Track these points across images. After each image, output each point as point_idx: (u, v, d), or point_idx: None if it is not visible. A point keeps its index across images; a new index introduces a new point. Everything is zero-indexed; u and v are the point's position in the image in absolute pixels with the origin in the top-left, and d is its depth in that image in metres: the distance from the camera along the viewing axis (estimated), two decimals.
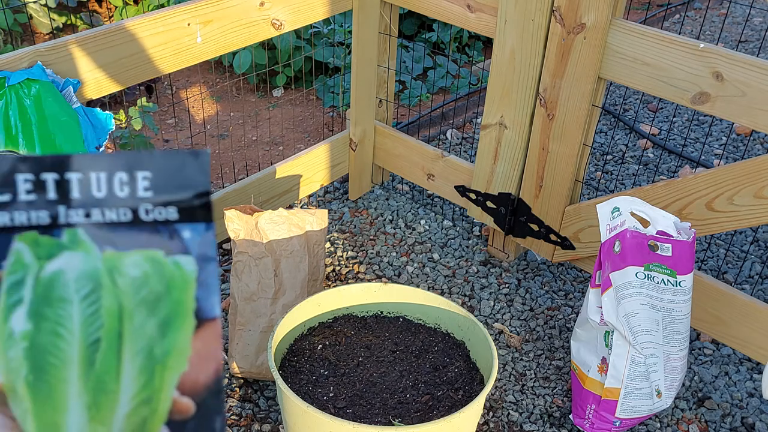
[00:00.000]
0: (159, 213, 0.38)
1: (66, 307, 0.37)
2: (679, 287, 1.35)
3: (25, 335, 0.37)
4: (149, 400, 0.38)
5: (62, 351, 0.37)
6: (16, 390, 0.36)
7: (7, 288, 0.37)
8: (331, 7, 1.80)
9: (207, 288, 0.38)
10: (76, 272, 0.37)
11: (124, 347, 0.38)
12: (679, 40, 1.39)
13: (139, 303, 0.38)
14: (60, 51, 1.33)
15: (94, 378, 0.37)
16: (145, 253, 0.38)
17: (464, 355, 1.44)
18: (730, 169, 1.42)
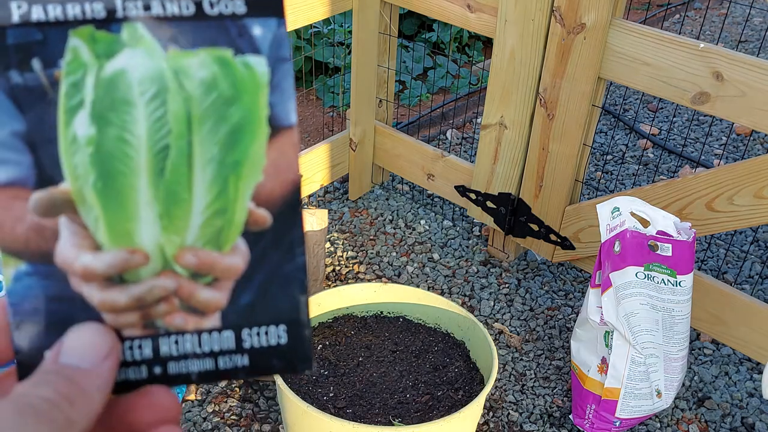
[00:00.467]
0: (225, 5, 0.35)
1: (131, 110, 0.34)
2: (679, 287, 1.35)
3: (89, 140, 0.34)
4: (223, 211, 0.35)
5: (130, 157, 0.34)
6: (85, 197, 0.35)
7: (66, 89, 0.34)
8: (331, 7, 1.80)
9: (281, 92, 0.35)
10: (139, 72, 0.34)
11: (194, 155, 0.35)
12: (679, 40, 1.39)
13: (208, 108, 0.35)
14: None
15: (164, 187, 0.35)
16: (212, 52, 0.35)
17: (464, 355, 1.44)
18: (730, 169, 1.42)
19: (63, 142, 0.34)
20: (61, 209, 0.34)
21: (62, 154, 0.34)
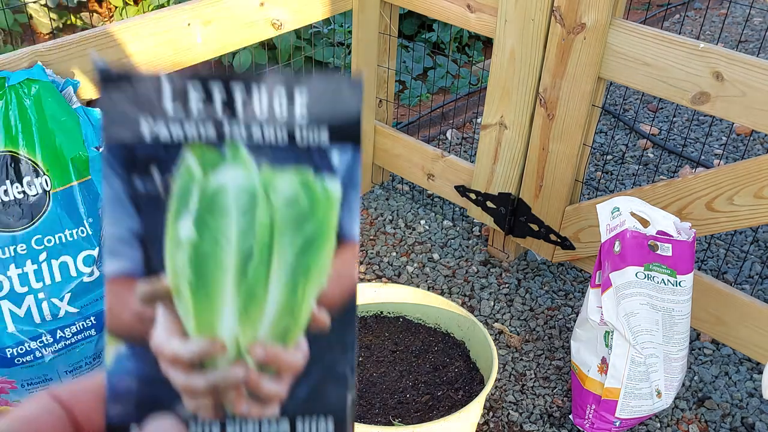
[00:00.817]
0: (312, 135, 0.40)
1: (226, 218, 0.40)
2: (679, 287, 1.35)
3: (190, 242, 0.40)
4: (291, 312, 0.40)
5: (221, 259, 0.40)
6: (181, 290, 0.40)
7: (176, 195, 0.40)
8: (331, 7, 1.80)
9: (350, 211, 0.41)
10: (236, 186, 0.40)
11: (273, 260, 0.40)
12: (679, 40, 1.39)
13: (289, 220, 0.40)
14: (60, 51, 1.33)
15: (245, 286, 0.40)
16: (297, 172, 0.40)
17: (464, 355, 1.44)
18: (730, 169, 1.42)
19: (168, 241, 0.40)
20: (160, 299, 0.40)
21: (166, 252, 0.40)
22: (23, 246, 1.23)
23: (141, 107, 0.39)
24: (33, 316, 1.26)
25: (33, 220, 1.24)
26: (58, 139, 1.27)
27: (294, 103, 0.40)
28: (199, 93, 0.40)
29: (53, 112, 1.27)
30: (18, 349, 1.25)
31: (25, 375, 1.28)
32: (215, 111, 0.40)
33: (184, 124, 0.40)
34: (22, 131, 1.24)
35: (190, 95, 0.40)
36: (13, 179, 1.23)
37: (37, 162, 1.25)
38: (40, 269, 1.26)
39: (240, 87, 0.40)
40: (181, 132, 0.40)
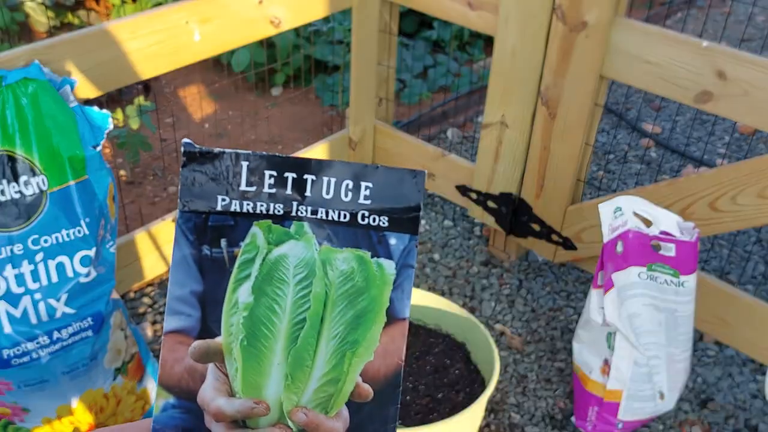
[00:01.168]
0: (373, 219, 0.44)
1: (283, 287, 0.43)
2: (683, 288, 1.34)
3: (246, 306, 0.42)
4: (336, 381, 0.43)
5: (274, 324, 0.42)
6: (232, 351, 0.42)
7: (239, 264, 0.43)
8: (331, 4, 1.79)
9: (402, 291, 0.43)
10: (296, 259, 0.43)
11: (323, 330, 0.43)
12: (681, 38, 1.38)
13: (343, 294, 0.43)
14: (57, 49, 1.32)
15: (294, 353, 0.42)
16: (355, 252, 0.43)
17: (465, 357, 1.43)
18: (734, 168, 1.41)
19: (227, 304, 0.43)
20: (212, 357, 0.42)
21: (224, 314, 0.43)
22: (20, 246, 1.22)
23: (219, 183, 0.43)
24: (29, 317, 1.25)
25: (29, 220, 1.23)
26: (55, 139, 1.26)
27: (359, 191, 0.43)
28: (273, 175, 0.43)
29: (50, 111, 1.25)
30: (14, 350, 1.24)
31: (22, 376, 1.27)
32: (285, 191, 0.43)
33: (255, 201, 0.43)
34: (18, 130, 1.23)
35: (265, 176, 0.43)
36: (10, 179, 1.22)
37: (34, 161, 1.24)
38: (37, 270, 1.25)
39: (311, 173, 0.43)
40: (252, 208, 0.43)
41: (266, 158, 0.43)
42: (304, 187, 0.43)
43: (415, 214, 0.43)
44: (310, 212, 0.43)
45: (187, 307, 0.43)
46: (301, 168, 0.43)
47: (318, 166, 0.43)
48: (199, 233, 0.43)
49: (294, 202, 0.43)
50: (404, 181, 0.43)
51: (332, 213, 0.43)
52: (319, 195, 0.43)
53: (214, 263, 0.43)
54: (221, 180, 0.43)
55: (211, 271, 0.43)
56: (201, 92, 2.74)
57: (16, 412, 1.31)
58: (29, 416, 1.32)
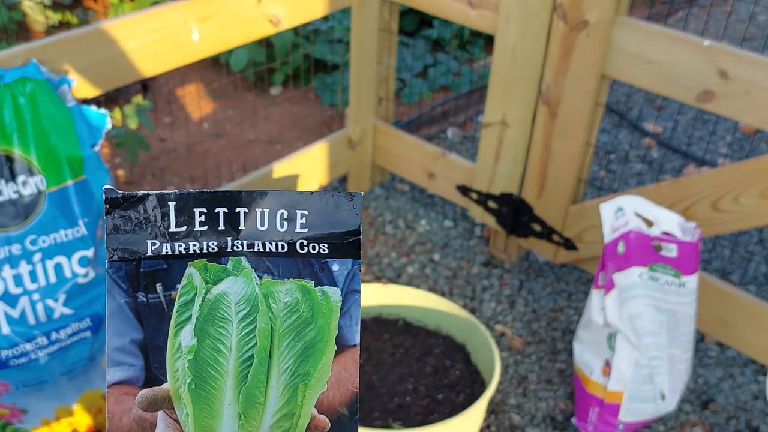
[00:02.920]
0: (312, 247, 0.43)
1: (227, 326, 0.42)
2: (684, 288, 1.33)
3: (190, 349, 0.42)
4: (291, 415, 0.42)
5: (221, 364, 0.42)
6: (181, 396, 0.41)
7: (178, 307, 0.42)
8: (330, 3, 1.78)
9: (350, 317, 0.43)
10: (237, 295, 0.42)
11: (273, 365, 0.42)
12: (683, 37, 1.37)
13: (289, 327, 0.42)
14: (55, 49, 1.31)
15: (245, 391, 0.42)
16: (298, 282, 0.43)
17: (465, 358, 1.42)
18: (736, 168, 1.40)
19: (170, 349, 0.42)
20: (160, 405, 0.41)
21: (168, 359, 0.42)
22: (18, 246, 1.22)
23: (147, 227, 0.42)
24: (27, 318, 1.24)
25: (27, 220, 1.23)
26: (53, 138, 1.25)
27: (295, 220, 0.42)
28: (203, 212, 0.42)
29: (48, 110, 1.25)
30: (12, 351, 1.24)
31: (20, 377, 1.27)
32: (218, 227, 0.42)
33: (188, 241, 0.42)
34: (16, 130, 1.22)
35: (195, 214, 0.42)
36: (8, 178, 1.21)
37: (32, 161, 1.23)
38: (35, 270, 1.24)
39: (243, 206, 0.42)
40: (184, 249, 0.42)
41: (194, 196, 0.41)
42: (237, 221, 0.42)
43: (356, 238, 0.42)
44: (246, 246, 0.42)
45: (129, 357, 0.42)
46: (231, 202, 0.42)
47: (249, 198, 0.42)
48: (132, 280, 0.42)
49: (228, 238, 0.42)
50: (341, 206, 0.42)
51: (269, 245, 0.42)
52: (253, 227, 0.42)
53: (152, 309, 0.42)
54: (149, 223, 0.42)
55: (150, 318, 0.42)
56: (200, 91, 2.73)
57: (14, 413, 1.30)
58: (27, 417, 1.32)
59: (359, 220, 0.42)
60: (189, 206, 0.42)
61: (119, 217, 0.41)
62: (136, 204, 0.41)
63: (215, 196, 0.42)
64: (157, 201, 0.41)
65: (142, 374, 0.42)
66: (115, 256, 0.42)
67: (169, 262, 0.42)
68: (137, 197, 0.41)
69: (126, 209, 0.41)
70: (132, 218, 0.41)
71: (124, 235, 0.41)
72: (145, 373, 0.42)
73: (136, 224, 0.41)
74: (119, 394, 0.41)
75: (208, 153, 2.40)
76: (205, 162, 2.35)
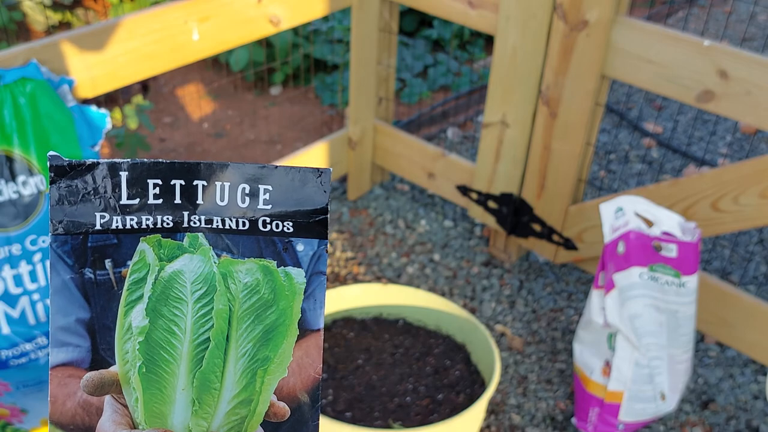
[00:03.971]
0: (276, 225, 0.40)
1: (181, 306, 0.40)
2: (684, 288, 1.33)
3: (141, 330, 0.39)
4: (248, 401, 0.40)
5: (174, 347, 0.39)
6: (130, 380, 0.39)
7: (129, 285, 0.39)
8: (330, 3, 1.78)
9: (314, 300, 0.41)
10: (193, 274, 0.40)
11: (230, 349, 0.40)
12: (683, 37, 1.37)
13: (249, 309, 0.40)
14: (55, 49, 1.31)
15: (200, 375, 0.40)
16: (259, 262, 0.40)
17: (465, 358, 1.42)
18: (736, 168, 1.40)
19: (119, 330, 0.39)
20: (108, 389, 0.39)
21: (117, 341, 0.39)
22: (18, 246, 1.22)
23: (96, 199, 0.38)
24: (27, 318, 1.24)
25: (27, 220, 1.23)
26: (53, 138, 1.25)
27: (258, 195, 0.39)
28: (157, 184, 0.38)
29: (48, 110, 1.25)
30: (12, 351, 1.24)
31: (20, 377, 1.27)
32: (174, 200, 0.39)
33: (140, 214, 0.39)
34: (16, 130, 1.22)
35: (149, 186, 0.38)
36: (8, 178, 1.21)
37: (32, 161, 1.23)
38: (35, 270, 1.24)
39: (201, 179, 0.39)
40: (136, 223, 0.39)
41: (147, 166, 0.38)
42: (195, 194, 0.39)
43: (323, 216, 0.39)
44: (204, 222, 0.40)
45: (74, 337, 0.39)
46: (189, 173, 0.39)
47: (208, 170, 0.39)
48: (78, 256, 0.39)
49: (185, 212, 0.39)
50: (307, 182, 0.39)
51: (229, 221, 0.40)
52: (212, 202, 0.39)
53: (100, 287, 0.39)
54: (99, 195, 0.38)
55: (98, 296, 0.39)
56: (200, 91, 2.73)
57: (14, 414, 1.30)
58: (27, 417, 1.32)
59: (327, 198, 0.39)
60: (142, 177, 0.38)
61: (65, 186, 0.38)
62: (84, 173, 0.38)
63: (171, 167, 0.39)
64: (107, 170, 0.38)
65: (88, 356, 0.39)
66: (59, 229, 0.39)
67: (120, 237, 0.39)
68: (85, 166, 0.38)
69: (73, 178, 0.38)
70: (79, 188, 0.38)
71: (70, 207, 0.38)
72: (92, 354, 0.39)
73: (83, 195, 0.38)
74: (63, 377, 0.39)
75: (208, 153, 2.40)
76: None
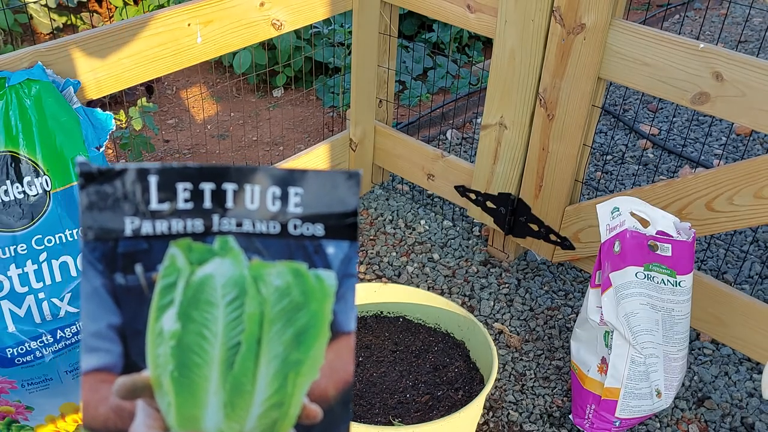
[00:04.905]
0: (306, 228, 0.39)
1: (212, 310, 0.39)
2: (679, 287, 1.35)
3: (173, 334, 0.39)
4: (281, 404, 0.39)
5: (206, 351, 0.39)
6: (162, 384, 0.39)
7: (160, 289, 0.39)
8: (332, 7, 1.80)
9: (345, 302, 0.40)
10: (224, 278, 0.39)
11: (262, 352, 0.39)
12: (679, 40, 1.39)
13: (280, 311, 0.39)
14: (60, 51, 1.33)
15: (232, 379, 0.39)
16: (290, 265, 0.39)
17: (464, 355, 1.44)
18: (730, 169, 1.42)
19: (150, 334, 0.39)
20: (140, 393, 0.39)
21: (148, 345, 0.39)
22: (23, 246, 1.23)
23: (126, 204, 0.38)
24: (33, 316, 1.26)
25: (33, 220, 1.24)
26: (59, 140, 1.27)
27: (288, 199, 0.39)
28: (187, 188, 0.38)
29: (53, 112, 1.27)
30: (18, 349, 1.25)
31: (26, 375, 1.28)
32: (203, 204, 0.38)
33: (170, 219, 0.38)
34: (22, 131, 1.24)
35: (178, 190, 0.38)
36: (14, 179, 1.23)
37: (38, 162, 1.25)
38: (41, 269, 1.26)
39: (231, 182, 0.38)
40: (167, 227, 0.39)
41: (177, 170, 0.38)
42: (225, 197, 0.38)
43: (353, 219, 0.39)
44: (235, 225, 0.39)
45: (105, 343, 0.39)
46: (219, 176, 0.38)
47: (238, 174, 0.38)
48: (108, 262, 0.38)
49: (215, 216, 0.39)
50: (338, 185, 0.39)
51: (260, 224, 0.39)
52: (242, 205, 0.39)
53: (131, 292, 0.39)
54: (128, 200, 0.38)
55: (129, 301, 0.39)
56: (203, 94, 2.75)
57: (20, 411, 1.32)
58: (33, 414, 1.33)
59: (357, 200, 0.39)
60: (172, 181, 0.38)
61: (95, 192, 0.37)
62: (113, 178, 0.38)
63: (201, 170, 0.38)
64: (136, 175, 0.38)
65: (120, 361, 0.39)
66: (90, 235, 0.38)
67: (150, 242, 0.39)
68: (115, 171, 0.37)
69: (101, 183, 0.37)
70: (108, 194, 0.38)
71: (99, 213, 0.38)
72: (124, 359, 0.39)
73: (113, 201, 0.38)
74: (95, 382, 0.38)
75: (211, 154, 2.42)
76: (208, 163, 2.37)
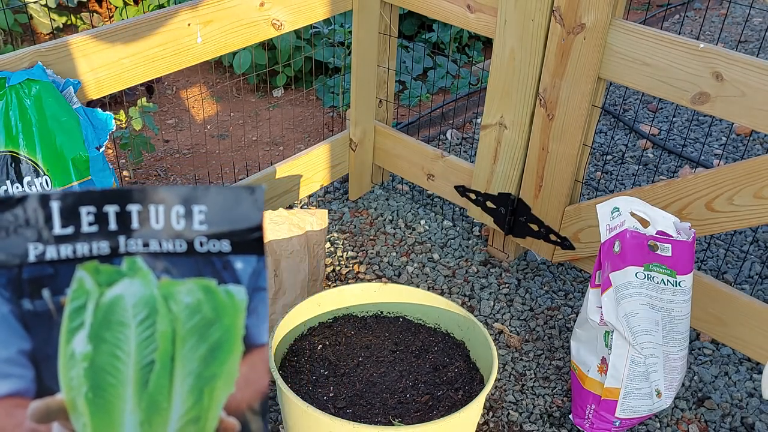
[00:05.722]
0: (213, 245, 0.40)
1: (124, 330, 0.40)
2: (679, 287, 1.35)
3: (85, 356, 0.39)
4: (197, 419, 0.40)
5: (119, 371, 0.40)
6: (77, 406, 0.39)
7: (69, 313, 0.39)
8: (332, 7, 1.80)
9: (256, 316, 0.41)
10: (134, 298, 0.40)
11: (176, 369, 0.40)
12: (678, 40, 1.39)
13: (192, 328, 0.40)
14: (60, 51, 1.33)
15: (147, 397, 0.40)
16: (199, 282, 0.40)
17: (464, 355, 1.44)
18: (730, 169, 1.42)
19: (62, 357, 0.39)
20: (55, 416, 0.39)
21: (60, 368, 0.39)
22: None
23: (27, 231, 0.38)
24: None
25: None
26: (59, 140, 1.27)
27: (192, 216, 0.39)
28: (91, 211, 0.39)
29: (53, 112, 1.27)
30: None
31: None
32: (109, 227, 0.39)
33: (75, 243, 0.39)
34: (22, 131, 1.24)
35: (82, 214, 0.38)
36: (14, 179, 1.23)
37: (38, 162, 1.25)
38: None
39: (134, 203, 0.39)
40: (72, 251, 0.39)
41: (79, 195, 0.38)
42: (130, 219, 0.39)
43: (258, 234, 0.39)
44: (142, 245, 0.40)
45: (17, 368, 0.39)
46: (122, 199, 0.39)
47: (141, 195, 0.39)
48: (14, 288, 0.39)
49: (121, 237, 0.39)
50: (241, 201, 0.39)
51: (166, 243, 0.39)
52: (148, 226, 0.39)
53: (40, 317, 0.39)
54: (30, 226, 0.38)
55: (38, 326, 0.39)
56: (203, 94, 2.75)
57: None
58: None
59: (261, 215, 0.39)
60: (75, 206, 0.38)
61: None
62: (14, 206, 0.38)
63: (104, 194, 0.39)
64: (37, 202, 0.38)
65: (33, 385, 0.39)
66: None
67: (56, 267, 0.39)
68: (15, 199, 0.37)
69: (2, 212, 0.38)
70: (9, 221, 0.38)
71: (2, 241, 0.38)
72: (36, 383, 0.39)
73: (15, 228, 0.38)
74: (9, 407, 0.38)
75: (211, 154, 2.42)
76: (208, 163, 2.37)
